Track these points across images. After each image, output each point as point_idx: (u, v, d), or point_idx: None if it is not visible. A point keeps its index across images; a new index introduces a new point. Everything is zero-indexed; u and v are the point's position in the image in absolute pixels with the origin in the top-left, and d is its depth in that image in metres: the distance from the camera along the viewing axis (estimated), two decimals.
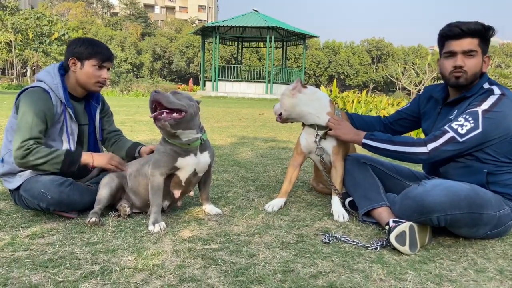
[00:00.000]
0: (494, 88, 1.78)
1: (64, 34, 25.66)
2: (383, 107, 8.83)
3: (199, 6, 70.30)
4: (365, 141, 1.95)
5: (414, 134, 6.53)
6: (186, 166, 1.91)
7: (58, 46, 25.33)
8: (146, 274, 1.38)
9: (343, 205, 2.16)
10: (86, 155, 1.97)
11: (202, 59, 23.24)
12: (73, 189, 1.89)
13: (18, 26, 24.49)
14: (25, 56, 27.31)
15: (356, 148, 2.44)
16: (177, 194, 1.98)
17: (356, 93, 12.70)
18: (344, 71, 49.03)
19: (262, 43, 24.92)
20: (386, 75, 41.98)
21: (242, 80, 21.75)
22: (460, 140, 1.72)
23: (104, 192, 1.94)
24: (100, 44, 2.09)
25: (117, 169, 2.03)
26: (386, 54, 52.40)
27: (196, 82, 37.95)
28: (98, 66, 2.05)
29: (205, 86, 22.67)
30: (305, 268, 1.49)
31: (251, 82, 21.45)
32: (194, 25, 58.92)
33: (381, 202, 1.94)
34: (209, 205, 2.12)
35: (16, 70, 30.30)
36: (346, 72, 49.03)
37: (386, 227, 1.75)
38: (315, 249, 1.67)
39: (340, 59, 49.19)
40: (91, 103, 2.21)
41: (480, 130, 1.70)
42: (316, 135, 2.14)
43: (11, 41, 25.24)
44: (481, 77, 1.85)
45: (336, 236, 1.78)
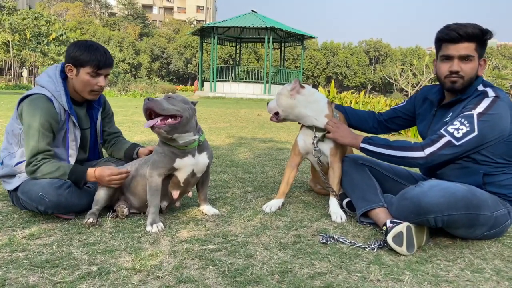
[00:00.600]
0: (488, 90, 1.79)
1: (62, 35, 25.64)
2: (381, 108, 8.88)
3: (197, 6, 70.36)
4: (363, 145, 1.96)
5: (411, 133, 6.58)
6: (184, 167, 1.91)
7: (56, 46, 25.29)
8: (144, 275, 1.39)
9: (341, 206, 2.16)
10: (90, 172, 1.92)
11: (200, 60, 23.25)
12: (71, 191, 1.88)
13: (16, 26, 24.45)
14: (22, 56, 27.28)
15: (352, 148, 2.45)
16: (175, 194, 1.98)
17: (354, 94, 12.71)
18: (342, 72, 49.16)
19: (260, 44, 24.95)
20: (384, 76, 42.10)
21: (240, 80, 21.73)
22: (456, 143, 1.73)
23: (102, 192, 1.94)
24: (97, 49, 1.97)
25: (119, 181, 1.95)
26: (384, 55, 52.59)
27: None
28: (94, 74, 1.97)
29: (203, 86, 22.66)
30: (302, 268, 1.49)
31: (249, 82, 21.44)
32: (192, 25, 58.95)
33: (378, 203, 1.94)
34: (207, 205, 2.12)
35: (13, 71, 30.25)
36: (344, 73, 49.16)
37: (384, 228, 1.76)
38: (313, 249, 1.67)
39: (338, 60, 49.32)
40: (93, 106, 2.18)
41: (476, 133, 1.71)
42: (314, 137, 2.14)
43: (9, 41, 25.20)
44: (476, 79, 1.86)
45: (333, 236, 1.79)
